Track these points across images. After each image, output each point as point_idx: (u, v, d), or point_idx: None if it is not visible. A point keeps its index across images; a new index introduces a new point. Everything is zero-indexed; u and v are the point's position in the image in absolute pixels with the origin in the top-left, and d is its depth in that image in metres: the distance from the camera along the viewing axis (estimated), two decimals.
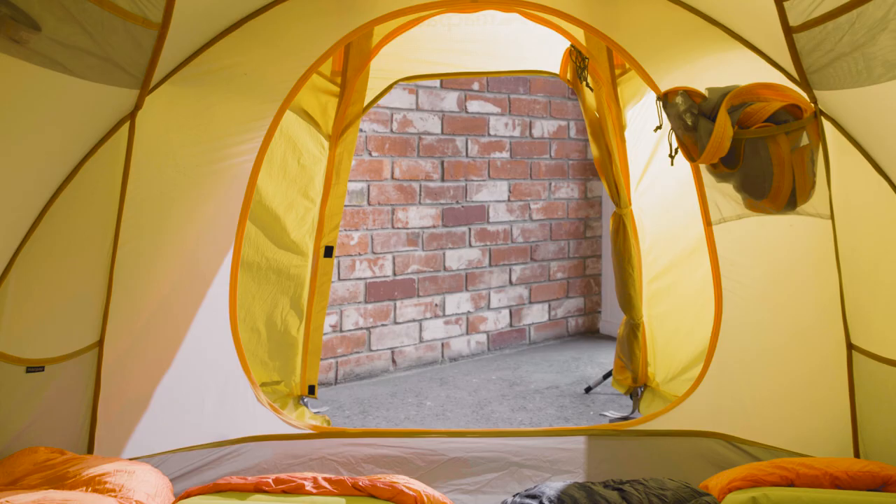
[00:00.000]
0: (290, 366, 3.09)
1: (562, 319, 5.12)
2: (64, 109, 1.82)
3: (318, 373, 3.22)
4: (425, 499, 1.91)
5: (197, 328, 2.37)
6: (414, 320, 4.36)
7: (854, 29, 1.63)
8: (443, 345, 4.50)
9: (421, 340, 4.40)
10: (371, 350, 4.19)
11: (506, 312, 4.81)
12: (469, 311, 4.62)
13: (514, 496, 1.85)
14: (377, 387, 3.96)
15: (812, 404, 2.28)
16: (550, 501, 1.76)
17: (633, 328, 3.21)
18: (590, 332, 5.25)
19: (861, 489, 1.93)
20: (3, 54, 1.50)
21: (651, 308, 3.19)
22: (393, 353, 4.28)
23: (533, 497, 1.81)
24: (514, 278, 4.84)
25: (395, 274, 4.26)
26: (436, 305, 4.46)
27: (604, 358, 4.42)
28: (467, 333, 4.63)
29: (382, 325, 4.23)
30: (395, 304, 4.27)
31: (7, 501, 1.76)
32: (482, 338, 4.71)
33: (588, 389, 3.74)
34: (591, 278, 5.27)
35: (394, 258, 4.25)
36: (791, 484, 1.96)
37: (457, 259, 4.54)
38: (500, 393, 3.82)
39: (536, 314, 4.97)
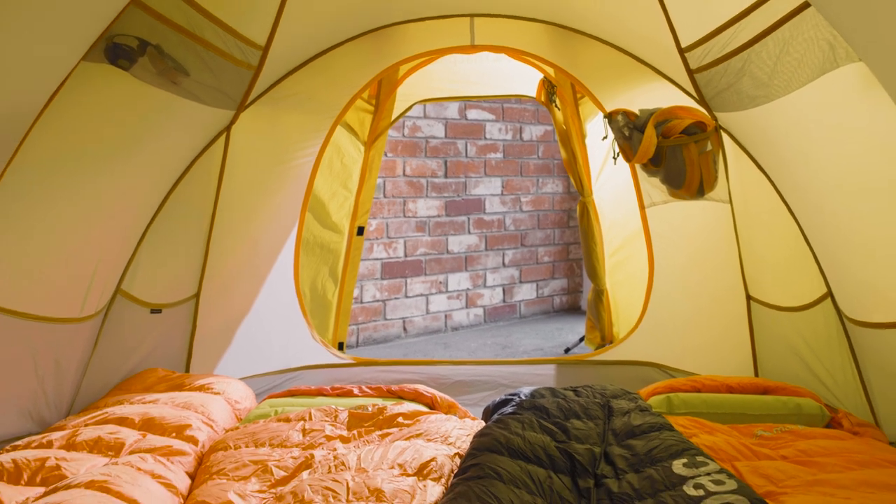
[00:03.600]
0: (325, 324, 3.64)
1: (548, 297, 5.60)
2: (189, 124, 2.53)
3: (346, 332, 3.75)
4: (438, 399, 2.63)
5: (269, 284, 3.01)
6: (422, 295, 4.88)
7: (727, 73, 2.35)
8: (446, 316, 5.01)
9: (427, 312, 4.91)
10: (386, 319, 4.72)
11: (499, 290, 5.30)
12: (468, 289, 5.12)
13: (500, 396, 2.59)
14: (391, 350, 4.50)
15: (723, 340, 2.91)
16: (525, 395, 2.49)
17: (599, 294, 3.84)
18: (573, 309, 5.74)
19: (748, 394, 2.60)
20: (163, 91, 2.24)
21: (612, 277, 3.80)
22: (404, 322, 4.81)
23: (514, 394, 2.54)
24: (506, 261, 5.33)
25: (405, 255, 4.78)
26: (440, 283, 4.97)
27: (583, 328, 4.69)
28: (467, 307, 5.12)
29: (395, 298, 4.75)
30: (405, 281, 4.79)
31: (149, 395, 2.52)
32: (479, 311, 5.19)
33: (567, 350, 4.33)
34: (574, 262, 5.74)
35: (405, 242, 4.77)
36: (698, 391, 2.60)
37: (458, 244, 5.04)
38: (494, 354, 4.37)
39: (526, 292, 5.46)
